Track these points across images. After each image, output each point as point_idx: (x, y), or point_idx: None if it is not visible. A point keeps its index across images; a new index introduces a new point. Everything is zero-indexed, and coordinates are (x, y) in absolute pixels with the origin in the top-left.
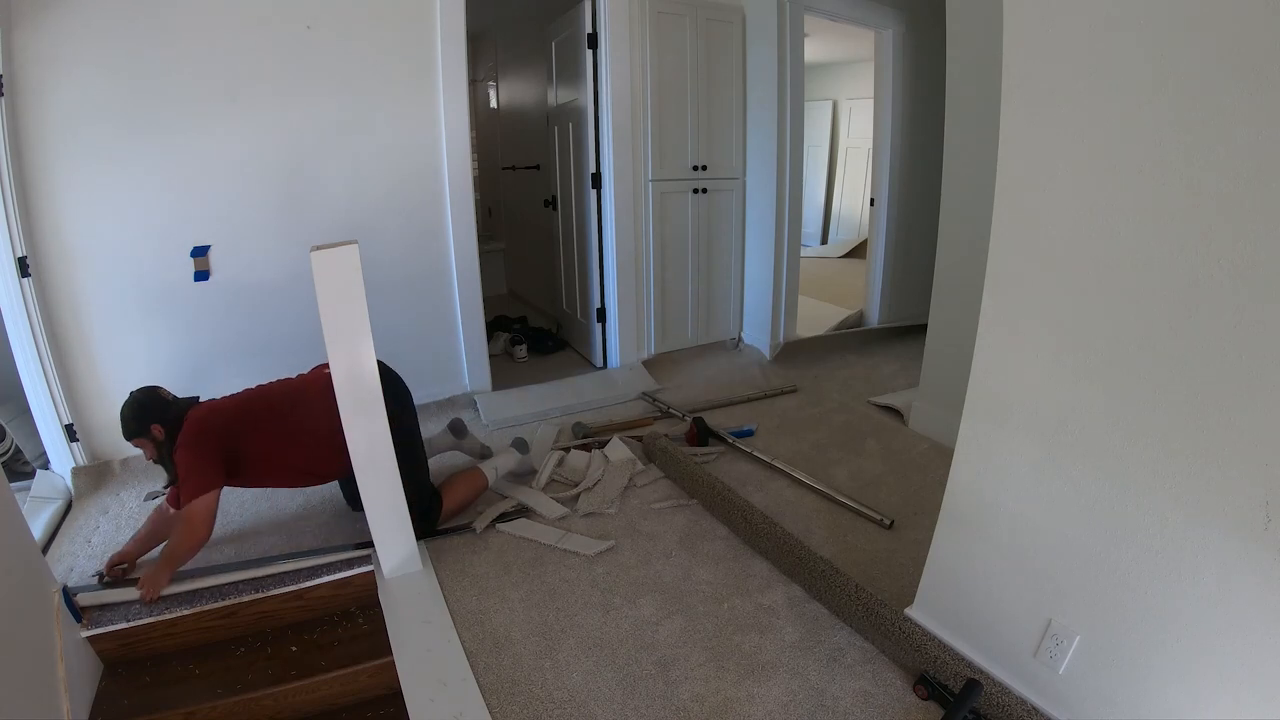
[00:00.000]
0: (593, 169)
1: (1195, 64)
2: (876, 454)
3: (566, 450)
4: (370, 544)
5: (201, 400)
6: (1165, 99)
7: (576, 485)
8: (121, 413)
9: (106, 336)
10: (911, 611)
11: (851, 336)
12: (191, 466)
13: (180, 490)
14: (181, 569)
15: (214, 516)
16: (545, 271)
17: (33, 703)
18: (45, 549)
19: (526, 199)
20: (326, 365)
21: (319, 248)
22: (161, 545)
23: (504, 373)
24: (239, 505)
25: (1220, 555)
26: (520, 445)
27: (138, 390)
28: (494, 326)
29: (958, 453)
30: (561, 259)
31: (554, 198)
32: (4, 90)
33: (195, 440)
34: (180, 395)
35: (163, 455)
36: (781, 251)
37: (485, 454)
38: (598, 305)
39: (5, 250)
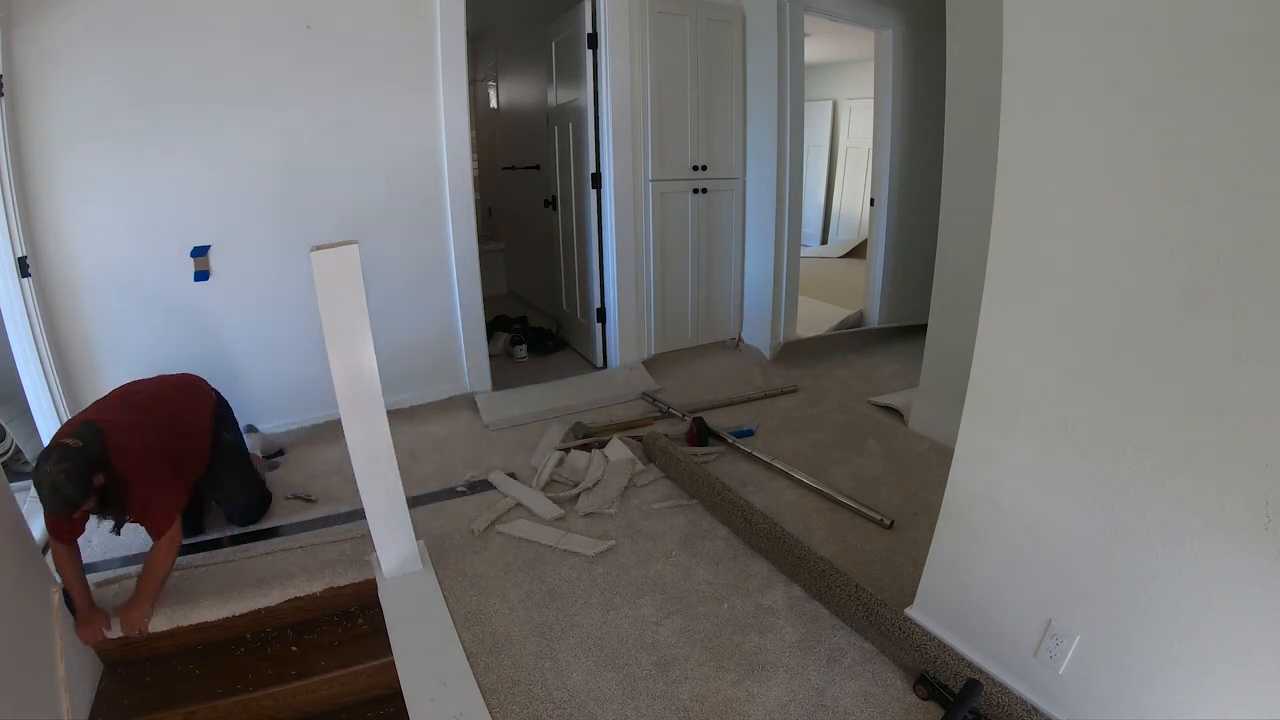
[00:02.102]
0: (593, 169)
1: (1195, 65)
2: (876, 454)
3: (566, 450)
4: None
5: (95, 420)
6: (1165, 100)
7: (576, 485)
8: (54, 489)
9: (106, 337)
10: (911, 611)
11: (851, 336)
12: (157, 491)
13: (157, 521)
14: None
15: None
16: (545, 271)
17: (33, 703)
18: (45, 549)
19: (526, 199)
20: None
21: (319, 247)
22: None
23: (504, 373)
24: None
25: (1220, 555)
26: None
27: (51, 460)
28: (494, 326)
29: (958, 453)
30: (561, 259)
31: (554, 198)
32: (4, 90)
33: (146, 466)
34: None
35: (107, 500)
36: (781, 251)
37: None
38: (598, 305)
39: (5, 250)
